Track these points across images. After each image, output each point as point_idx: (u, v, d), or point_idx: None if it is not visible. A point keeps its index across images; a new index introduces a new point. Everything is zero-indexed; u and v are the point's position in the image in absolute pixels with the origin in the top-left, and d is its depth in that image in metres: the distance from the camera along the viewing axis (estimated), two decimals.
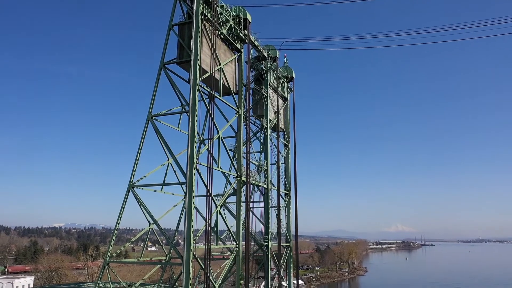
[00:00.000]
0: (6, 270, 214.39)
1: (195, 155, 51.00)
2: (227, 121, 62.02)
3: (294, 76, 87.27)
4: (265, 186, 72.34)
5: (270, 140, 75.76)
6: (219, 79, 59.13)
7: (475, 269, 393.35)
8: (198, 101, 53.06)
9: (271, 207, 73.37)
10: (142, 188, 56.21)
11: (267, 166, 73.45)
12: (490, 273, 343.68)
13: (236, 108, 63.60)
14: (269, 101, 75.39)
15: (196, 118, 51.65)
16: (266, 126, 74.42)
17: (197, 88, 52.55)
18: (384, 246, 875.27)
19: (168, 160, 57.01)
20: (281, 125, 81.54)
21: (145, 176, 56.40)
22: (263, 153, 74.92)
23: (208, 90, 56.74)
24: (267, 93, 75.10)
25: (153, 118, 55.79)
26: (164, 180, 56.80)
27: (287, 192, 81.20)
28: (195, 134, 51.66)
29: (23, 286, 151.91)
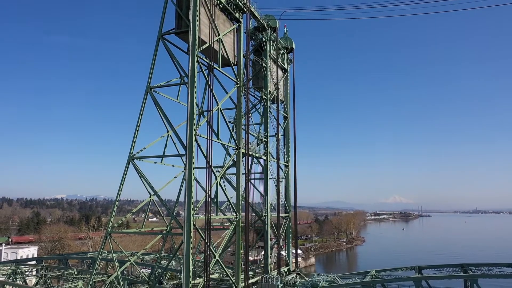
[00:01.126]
0: (10, 240, 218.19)
1: (194, 127, 51.02)
2: (227, 93, 61.68)
3: (294, 47, 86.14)
4: (264, 157, 72.71)
5: (270, 112, 75.58)
6: (218, 50, 58.40)
7: (470, 239, 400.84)
8: (197, 72, 52.60)
9: (270, 178, 73.97)
10: (142, 160, 56.49)
11: (266, 138, 73.58)
12: (485, 242, 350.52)
13: (235, 80, 63.12)
14: (268, 73, 74.75)
15: (195, 90, 51.36)
16: (265, 97, 74.08)
17: (196, 59, 52.00)
18: (382, 216, 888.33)
19: (167, 132, 57.05)
20: (281, 97, 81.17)
21: (144, 148, 56.58)
22: (262, 125, 74.88)
23: (207, 61, 56.10)
24: (266, 64, 74.37)
25: (152, 90, 55.44)
26: (164, 152, 57.03)
27: (287, 164, 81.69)
28: (194, 106, 51.48)
29: (27, 256, 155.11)
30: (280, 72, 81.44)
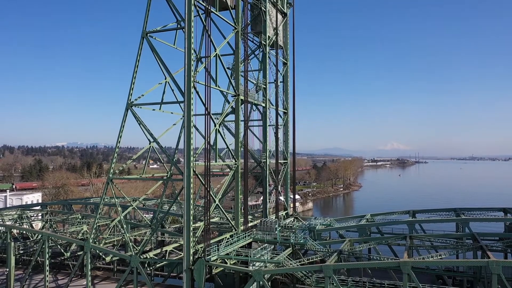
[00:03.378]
0: (14, 187, 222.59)
1: (192, 73, 50.36)
2: (225, 38, 60.20)
3: None
4: (263, 104, 72.43)
5: (269, 58, 74.20)
6: None
7: (465, 184, 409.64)
8: (194, 16, 50.98)
9: (269, 125, 74.13)
10: (141, 107, 56.30)
11: (265, 85, 72.85)
12: (479, 188, 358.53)
13: (233, 24, 61.37)
14: (268, 17, 72.51)
15: (192, 35, 50.08)
16: (264, 43, 72.43)
17: (192, 2, 50.23)
18: (379, 163, 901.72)
19: (165, 79, 56.37)
20: (280, 42, 79.32)
21: (142, 95, 56.21)
22: (261, 72, 73.82)
23: (204, 4, 54.17)
24: (265, 8, 71.95)
25: (148, 35, 54.05)
26: (162, 99, 56.74)
27: (285, 111, 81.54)
28: (192, 51, 50.47)
29: (31, 201, 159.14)
30: (279, 17, 78.99)
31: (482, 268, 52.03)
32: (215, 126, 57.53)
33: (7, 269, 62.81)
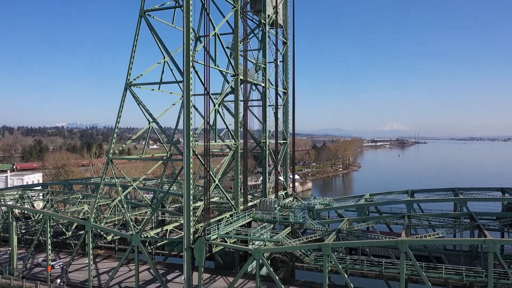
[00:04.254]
0: (14, 167, 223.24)
1: (191, 53, 49.89)
2: (224, 17, 59.39)
3: None
4: (263, 84, 72.03)
5: (269, 37, 73.39)
6: None
7: (464, 165, 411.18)
8: None
9: (268, 105, 73.91)
10: (140, 87, 55.98)
11: (265, 64, 72.29)
12: (478, 168, 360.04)
13: (232, 3, 60.45)
14: None
15: (190, 13, 49.38)
16: (264, 22, 71.51)
17: None
18: (378, 143, 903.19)
19: (164, 58, 55.82)
20: (280, 21, 78.29)
21: (141, 75, 55.86)
22: (261, 51, 73.13)
23: None
24: None
25: (146, 13, 53.29)
26: (161, 79, 56.36)
27: (285, 91, 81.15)
28: (191, 30, 49.89)
29: (32, 181, 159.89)
30: None
31: (479, 247, 52.73)
32: (214, 106, 57.36)
33: (10, 248, 63.59)
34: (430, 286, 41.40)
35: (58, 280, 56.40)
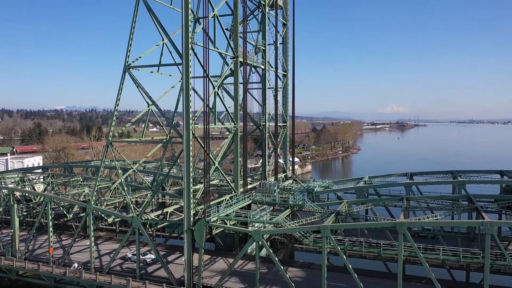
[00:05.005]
0: (14, 150, 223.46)
1: (190, 35, 49.40)
2: None
3: None
4: (262, 67, 71.56)
5: (268, 18, 72.56)
6: None
7: (463, 147, 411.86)
8: None
9: (268, 88, 73.57)
10: (138, 70, 55.61)
11: (264, 46, 71.66)
12: (477, 151, 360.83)
13: None
14: None
15: None
16: (264, 3, 70.58)
17: None
18: (378, 126, 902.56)
19: (162, 40, 55.32)
20: (280, 2, 77.26)
21: (140, 57, 55.40)
22: (260, 33, 72.41)
23: None
24: None
25: None
26: (160, 61, 55.88)
27: (285, 73, 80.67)
28: (189, 12, 49.27)
29: (33, 164, 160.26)
30: None
31: (477, 229, 53.23)
32: (213, 88, 57.10)
33: (12, 230, 64.17)
34: (427, 267, 41.91)
35: (76, 264, 56.45)
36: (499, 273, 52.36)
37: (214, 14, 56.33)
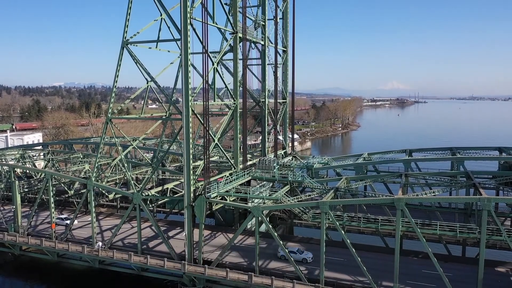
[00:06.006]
0: (14, 127, 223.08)
1: (188, 9, 48.61)
2: None
3: None
4: (262, 42, 70.72)
5: None
6: None
7: (463, 124, 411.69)
8: None
9: (268, 64, 72.93)
10: (137, 45, 54.99)
11: (264, 22, 70.61)
12: (477, 128, 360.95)
13: None
14: None
15: None
16: None
17: None
18: (378, 103, 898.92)
19: (161, 15, 54.48)
20: None
21: (138, 33, 54.68)
22: (260, 8, 71.24)
23: None
24: None
25: None
26: (158, 37, 55.19)
27: (285, 49, 79.79)
28: None
29: (32, 141, 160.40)
30: None
31: (474, 205, 53.81)
32: (213, 64, 56.60)
33: (14, 207, 64.80)
34: (424, 242, 42.55)
35: (100, 243, 56.90)
36: (495, 247, 53.23)
37: None
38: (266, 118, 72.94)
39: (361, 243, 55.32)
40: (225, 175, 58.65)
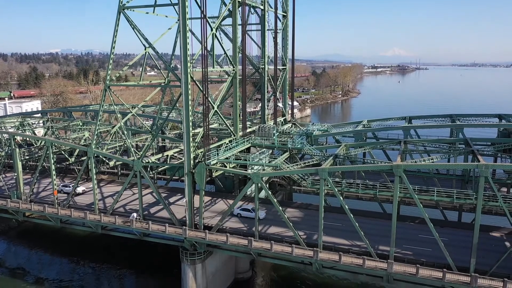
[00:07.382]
0: (12, 95, 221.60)
1: None
2: None
3: None
4: (261, 7, 69.12)
5: None
6: None
7: (464, 91, 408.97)
8: None
9: (267, 30, 71.55)
10: (133, 10, 53.79)
11: None
12: (478, 95, 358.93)
13: None
14: None
15: None
16: None
17: None
18: (379, 70, 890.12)
19: None
20: None
21: None
22: None
23: None
24: None
25: None
26: (155, 1, 53.82)
27: (285, 14, 78.10)
28: None
29: (31, 109, 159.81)
30: None
31: (471, 171, 54.25)
32: (211, 30, 55.52)
33: (15, 174, 65.30)
34: (421, 207, 43.17)
35: (135, 214, 56.53)
36: (490, 213, 54.15)
37: None
38: (266, 85, 72.35)
39: (359, 209, 56.15)
40: (225, 142, 58.81)
